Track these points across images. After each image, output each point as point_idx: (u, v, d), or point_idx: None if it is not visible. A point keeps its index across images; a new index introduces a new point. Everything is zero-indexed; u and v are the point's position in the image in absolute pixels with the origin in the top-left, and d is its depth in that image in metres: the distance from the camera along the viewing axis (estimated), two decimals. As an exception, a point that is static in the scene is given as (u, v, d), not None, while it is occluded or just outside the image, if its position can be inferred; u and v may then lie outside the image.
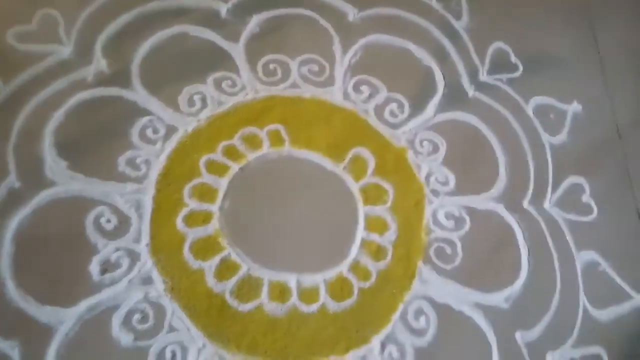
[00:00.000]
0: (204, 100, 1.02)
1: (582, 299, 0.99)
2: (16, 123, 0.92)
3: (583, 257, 1.03)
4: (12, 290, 0.81)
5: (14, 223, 0.85)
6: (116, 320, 0.82)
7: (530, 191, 1.08)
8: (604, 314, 0.99)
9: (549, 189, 1.09)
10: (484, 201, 1.05)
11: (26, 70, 0.96)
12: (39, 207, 0.87)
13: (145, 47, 1.04)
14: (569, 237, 1.05)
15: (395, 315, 0.92)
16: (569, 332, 0.96)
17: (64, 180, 0.90)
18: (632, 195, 1.12)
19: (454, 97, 1.15)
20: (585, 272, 1.02)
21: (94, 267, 0.85)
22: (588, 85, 1.24)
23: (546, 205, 1.07)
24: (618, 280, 1.03)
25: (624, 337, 0.98)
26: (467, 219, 1.02)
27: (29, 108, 0.94)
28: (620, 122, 1.21)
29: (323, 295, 0.91)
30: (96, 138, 0.95)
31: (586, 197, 1.10)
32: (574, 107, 1.20)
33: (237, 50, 1.08)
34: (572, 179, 1.11)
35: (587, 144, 1.17)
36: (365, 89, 1.11)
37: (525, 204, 1.06)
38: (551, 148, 1.13)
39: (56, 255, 0.85)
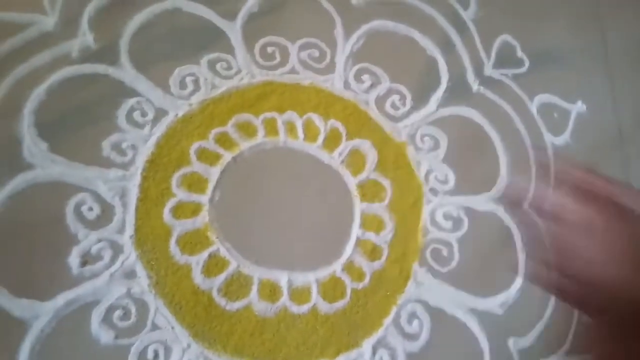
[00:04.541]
0: (196, 82, 0.96)
1: (577, 306, 0.97)
2: (-7, 98, 0.85)
3: (580, 264, 1.01)
4: (-15, 281, 0.76)
5: (-13, 208, 0.79)
6: (96, 316, 0.77)
7: (531, 194, 1.04)
8: (598, 323, 0.97)
9: (549, 192, 1.05)
10: (484, 202, 1.02)
11: (4, 42, 0.89)
12: (15, 192, 0.81)
13: (135, 21, 0.97)
14: (566, 242, 1.02)
15: (388, 319, 0.89)
16: (562, 340, 0.94)
17: (43, 164, 0.83)
18: (631, 201, 1.10)
19: (458, 91, 1.10)
20: (581, 279, 1.00)
21: (74, 259, 0.80)
22: (593, 85, 1.20)
23: (547, 208, 1.03)
24: (613, 288, 1.01)
25: (616, 347, 0.97)
26: (466, 220, 0.99)
27: (6, 84, 0.86)
28: (623, 125, 1.18)
29: (315, 296, 0.87)
30: (80, 119, 0.88)
31: (586, 202, 1.07)
32: (579, 107, 1.16)
33: (233, 30, 1.02)
34: (573, 182, 1.08)
35: (589, 145, 1.14)
36: (367, 78, 1.05)
37: (526, 205, 1.03)
38: (553, 149, 1.10)
39: (33, 245, 0.79)
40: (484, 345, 0.91)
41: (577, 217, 0.57)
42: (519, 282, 0.97)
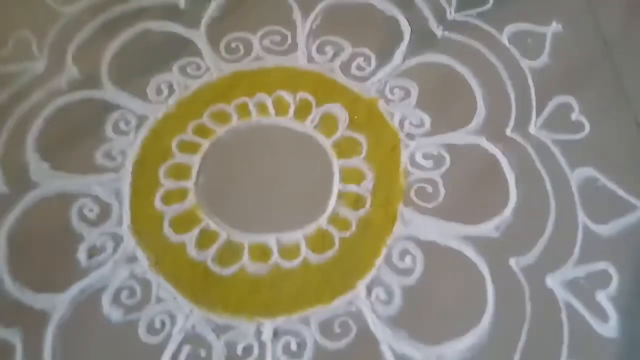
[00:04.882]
0: (170, 87, 1.06)
1: (581, 216, 0.95)
2: (1, 136, 1.00)
3: (578, 175, 0.98)
4: (9, 284, 0.87)
5: (6, 225, 0.92)
6: (106, 299, 0.87)
7: (512, 119, 1.04)
8: (608, 229, 0.94)
9: (533, 113, 1.05)
10: (463, 136, 1.03)
11: (6, 89, 1.04)
12: (27, 208, 0.94)
13: (111, 49, 1.10)
14: (560, 157, 1.00)
15: (379, 259, 0.91)
16: (569, 252, 0.92)
17: (47, 181, 0.96)
18: (628, 104, 1.06)
19: (422, 41, 1.14)
20: (582, 190, 0.97)
21: (82, 254, 0.90)
22: (567, 3, 1.19)
23: (531, 129, 1.03)
24: (620, 192, 0.97)
25: (632, 249, 0.93)
26: (447, 156, 1.00)
27: (12, 121, 1.02)
28: (607, 34, 1.15)
29: (304, 250, 0.92)
30: (74, 138, 1.01)
31: (576, 115, 1.05)
32: (554, 27, 1.15)
33: (199, 36, 1.12)
34: (559, 99, 1.07)
35: (573, 61, 1.12)
36: (329, 49, 1.12)
37: (509, 131, 1.03)
38: (532, 72, 1.10)
39: (47, 249, 0.91)
40: (484, 269, 0.90)
41: None
42: (512, 203, 0.96)
